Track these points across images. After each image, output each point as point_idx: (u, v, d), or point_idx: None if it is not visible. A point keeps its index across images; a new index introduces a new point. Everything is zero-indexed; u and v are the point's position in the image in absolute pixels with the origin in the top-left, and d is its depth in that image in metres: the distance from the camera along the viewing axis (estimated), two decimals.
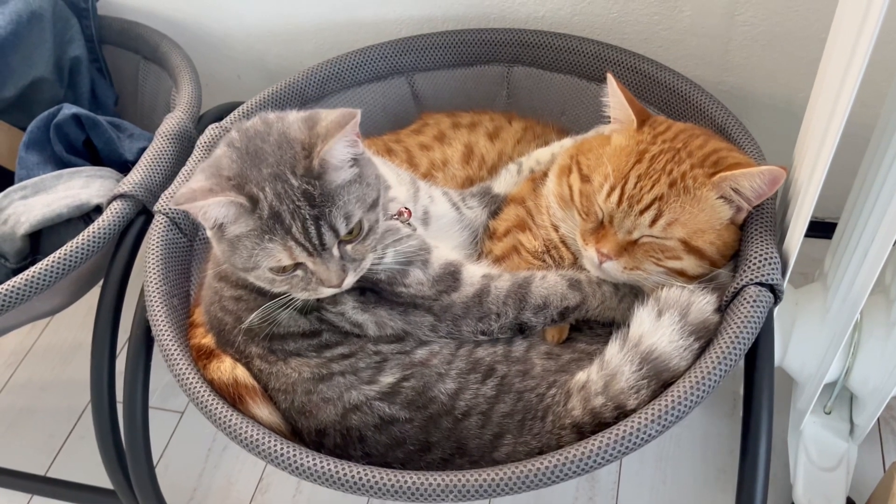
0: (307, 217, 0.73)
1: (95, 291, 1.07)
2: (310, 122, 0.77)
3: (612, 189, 0.84)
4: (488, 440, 0.78)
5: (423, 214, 0.94)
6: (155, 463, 1.00)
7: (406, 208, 0.90)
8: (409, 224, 0.88)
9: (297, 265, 0.76)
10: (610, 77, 0.89)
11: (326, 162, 0.74)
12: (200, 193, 0.73)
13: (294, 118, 0.79)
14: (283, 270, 0.77)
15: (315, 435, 0.81)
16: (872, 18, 0.61)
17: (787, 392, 1.15)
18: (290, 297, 0.80)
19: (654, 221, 0.82)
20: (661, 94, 1.10)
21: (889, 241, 0.78)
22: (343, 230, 0.76)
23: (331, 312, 0.83)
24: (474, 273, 0.87)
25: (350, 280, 0.78)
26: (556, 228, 0.94)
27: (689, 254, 0.83)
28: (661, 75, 1.09)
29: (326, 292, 0.79)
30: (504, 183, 1.05)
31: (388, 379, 0.81)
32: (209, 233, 0.79)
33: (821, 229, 1.08)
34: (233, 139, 0.78)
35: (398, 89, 1.27)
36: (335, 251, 0.76)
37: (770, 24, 1.13)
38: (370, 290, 0.84)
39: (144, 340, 0.95)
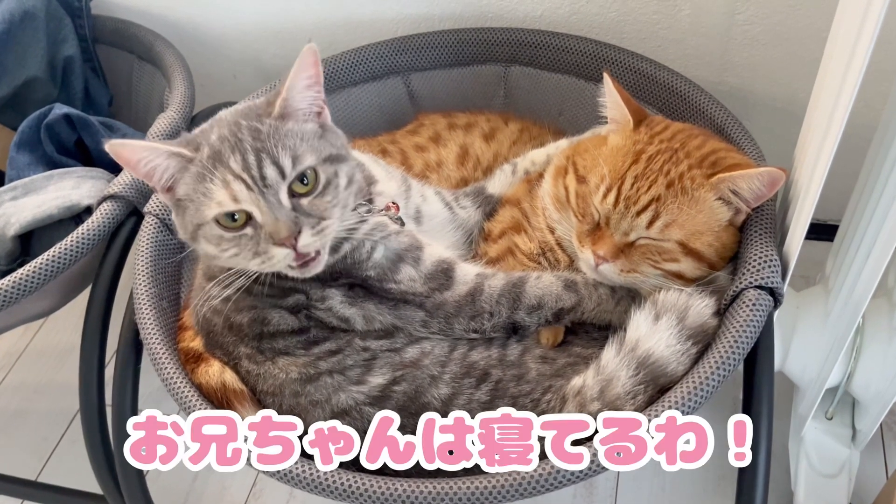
0: (248, 149, 0.71)
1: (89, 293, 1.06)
2: (270, 93, 0.78)
3: (608, 190, 0.82)
4: None
5: (416, 213, 0.93)
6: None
7: (394, 203, 0.88)
8: (398, 219, 0.87)
9: (246, 222, 0.72)
10: (606, 76, 0.88)
11: (288, 103, 0.74)
12: (139, 144, 0.72)
13: (261, 100, 0.79)
14: (230, 226, 0.72)
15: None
16: (873, 17, 0.60)
17: (789, 397, 1.14)
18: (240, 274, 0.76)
19: (651, 223, 0.80)
20: (660, 94, 1.08)
21: (891, 243, 0.77)
22: (289, 169, 0.72)
23: (319, 310, 0.82)
24: (468, 271, 0.86)
25: (306, 239, 0.72)
26: (551, 230, 0.93)
27: (687, 256, 0.82)
28: (660, 75, 1.08)
29: (279, 255, 0.72)
30: (498, 183, 1.03)
31: (377, 380, 0.79)
32: (164, 197, 0.77)
33: (822, 231, 1.06)
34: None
35: (394, 89, 1.25)
36: (284, 198, 0.72)
37: (770, 23, 1.12)
38: (359, 286, 0.82)
39: (133, 344, 0.94)
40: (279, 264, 0.74)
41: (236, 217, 0.72)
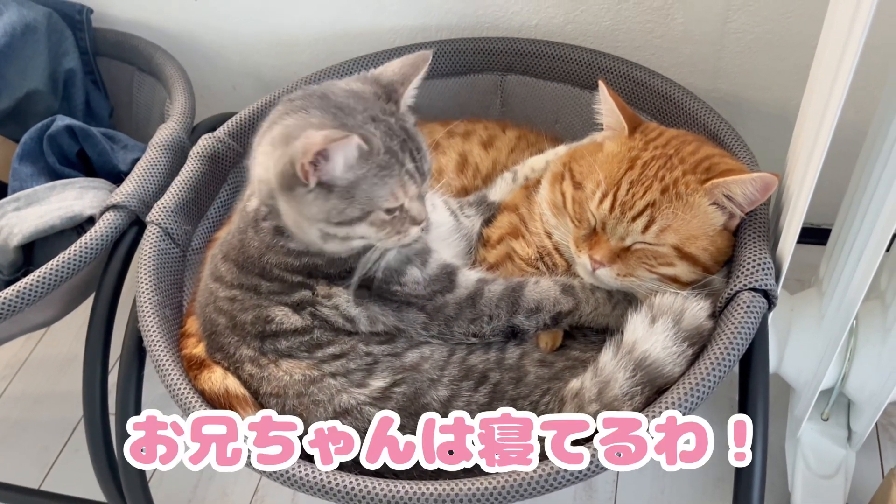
0: (410, 147, 0.77)
1: (90, 303, 1.06)
2: (369, 77, 0.82)
3: (604, 196, 0.84)
4: None
5: None
6: (149, 475, 0.99)
7: None
8: None
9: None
10: (601, 84, 0.89)
11: (404, 103, 0.80)
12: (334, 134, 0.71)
13: (343, 82, 0.82)
14: (390, 211, 0.78)
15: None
16: (860, 23, 0.61)
17: (785, 399, 1.15)
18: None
19: (646, 228, 0.81)
20: (654, 102, 1.10)
21: (882, 245, 0.78)
22: (428, 158, 0.80)
23: (325, 307, 0.83)
24: (470, 277, 0.87)
25: (427, 217, 0.82)
26: (549, 235, 0.94)
27: (683, 260, 0.83)
28: (654, 82, 1.09)
29: (413, 232, 0.81)
30: (499, 191, 1.04)
31: (378, 383, 0.80)
32: (305, 192, 0.74)
33: (816, 235, 1.08)
34: (295, 106, 0.77)
35: None
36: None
37: (763, 30, 1.13)
38: (364, 288, 0.83)
39: (136, 351, 0.95)
40: (408, 239, 0.82)
41: None
